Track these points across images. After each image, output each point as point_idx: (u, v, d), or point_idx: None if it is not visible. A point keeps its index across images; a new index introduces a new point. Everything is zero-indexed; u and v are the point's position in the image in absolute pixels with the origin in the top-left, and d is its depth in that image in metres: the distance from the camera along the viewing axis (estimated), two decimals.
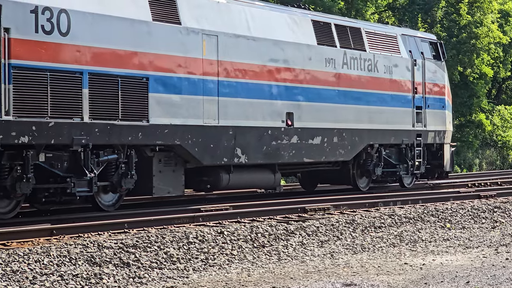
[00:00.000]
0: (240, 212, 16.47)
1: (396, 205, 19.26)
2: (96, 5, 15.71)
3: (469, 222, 18.17)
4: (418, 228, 16.90)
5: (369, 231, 16.12)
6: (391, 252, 14.33)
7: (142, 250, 12.57)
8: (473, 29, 41.87)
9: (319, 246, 14.50)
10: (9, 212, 14.76)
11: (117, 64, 15.92)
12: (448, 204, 19.91)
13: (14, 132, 14.17)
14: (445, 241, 15.71)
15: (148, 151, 16.91)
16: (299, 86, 20.07)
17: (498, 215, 19.13)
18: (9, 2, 14.22)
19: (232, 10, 18.80)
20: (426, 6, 41.16)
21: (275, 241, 14.33)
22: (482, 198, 21.34)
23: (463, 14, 42.08)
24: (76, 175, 15.31)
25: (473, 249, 14.54)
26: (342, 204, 18.43)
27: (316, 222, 15.80)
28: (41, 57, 14.63)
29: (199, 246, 13.25)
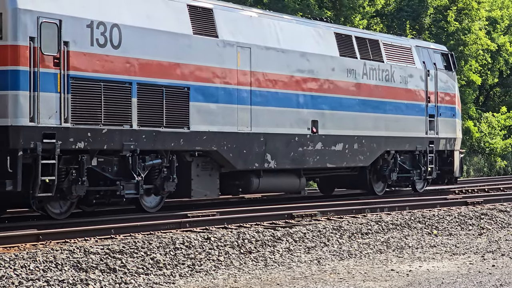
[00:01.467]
0: (227, 218, 16.39)
1: (383, 212, 19.23)
2: (144, 19, 16.81)
3: (456, 229, 18.10)
4: (405, 234, 16.82)
5: (356, 237, 16.04)
6: (377, 258, 14.23)
7: (128, 256, 12.50)
8: (461, 36, 42.14)
9: (306, 252, 14.41)
10: (64, 213, 15.80)
11: (162, 75, 17.01)
12: (435, 210, 19.85)
13: (72, 138, 15.26)
14: (432, 247, 15.62)
15: (188, 156, 17.99)
16: (323, 96, 21.19)
17: (485, 222, 19.09)
18: (68, 17, 15.30)
19: (263, 24, 19.91)
20: (414, 13, 41.00)
21: (262, 247, 14.26)
22: (469, 205, 21.32)
23: (451, 21, 42.05)
24: (124, 179, 16.39)
25: (459, 256, 14.46)
26: (329, 210, 18.38)
27: (303, 228, 15.69)
28: (96, 69, 15.71)
29: (185, 252, 13.20)
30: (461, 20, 42.54)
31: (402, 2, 41.05)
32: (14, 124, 14.43)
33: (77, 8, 15.54)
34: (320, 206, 19.02)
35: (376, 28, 39.93)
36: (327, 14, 34.22)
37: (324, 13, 33.98)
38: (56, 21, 15.09)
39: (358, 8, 36.82)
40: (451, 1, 42.43)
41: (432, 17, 41.98)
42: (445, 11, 42.35)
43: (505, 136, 46.20)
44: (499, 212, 20.25)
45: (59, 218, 15.60)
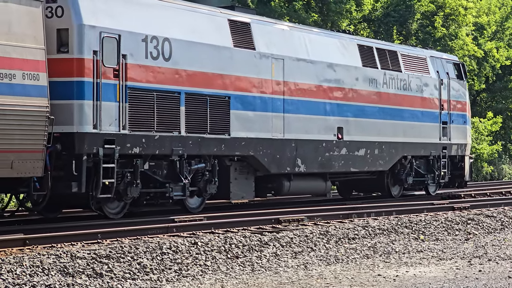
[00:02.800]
0: (214, 223, 16.37)
1: (370, 217, 19.28)
2: (190, 33, 18.10)
3: (442, 234, 18.10)
4: (392, 239, 16.79)
5: (343, 242, 16.03)
6: (364, 263, 14.23)
7: (115, 261, 12.48)
8: (448, 42, 42.19)
9: (293, 257, 14.42)
10: (118, 213, 17.07)
11: (206, 85, 18.31)
12: (422, 215, 19.82)
13: (128, 144, 16.53)
14: (419, 252, 15.61)
15: (227, 160, 19.27)
16: (347, 104, 22.51)
17: (471, 227, 19.13)
18: (126, 32, 16.58)
19: (294, 36, 21.23)
20: (401, 18, 40.65)
21: (249, 252, 14.25)
22: (456, 210, 21.39)
23: (438, 26, 41.88)
24: (173, 181, 17.67)
25: (446, 261, 14.44)
26: (316, 215, 18.37)
27: (290, 233, 15.69)
28: (149, 79, 17.00)
29: (172, 256, 13.19)
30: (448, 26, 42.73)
31: (389, 8, 41.12)
32: (79, 131, 15.69)
33: (133, 24, 16.81)
34: (307, 211, 18.91)
35: (364, 33, 40.03)
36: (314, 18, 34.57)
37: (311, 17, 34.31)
38: (115, 35, 16.37)
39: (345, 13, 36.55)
40: (438, 7, 42.51)
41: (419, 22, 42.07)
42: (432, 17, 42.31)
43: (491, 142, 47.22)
44: (486, 217, 20.34)
45: (115, 218, 16.86)
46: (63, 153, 15.48)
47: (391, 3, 41.11)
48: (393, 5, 41.06)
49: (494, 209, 21.89)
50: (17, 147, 14.45)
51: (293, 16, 33.37)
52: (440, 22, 41.87)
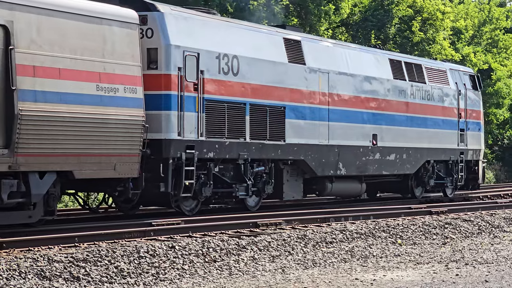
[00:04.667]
0: (192, 226, 16.37)
1: (348, 221, 19.34)
2: (253, 51, 20.32)
3: (420, 238, 18.19)
4: (369, 243, 16.81)
5: (321, 246, 16.03)
6: (342, 267, 14.25)
7: (92, 264, 12.50)
8: (426, 46, 42.44)
9: (271, 261, 14.44)
10: (193, 210, 19.24)
11: (266, 97, 20.53)
12: (400, 220, 19.92)
13: (205, 149, 18.74)
14: (396, 256, 15.64)
15: (281, 164, 21.49)
16: (381, 113, 24.79)
17: (449, 231, 19.23)
18: (203, 50, 18.79)
19: (336, 52, 23.49)
20: (379, 23, 40.87)
21: (227, 256, 14.24)
22: (433, 214, 21.47)
23: (415, 31, 42.12)
24: (238, 182, 19.87)
25: (423, 265, 14.45)
26: (294, 219, 18.49)
27: (268, 237, 15.69)
28: (221, 92, 19.21)
29: (150, 260, 13.21)
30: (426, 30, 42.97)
31: (367, 12, 41.39)
32: (167, 137, 17.88)
33: (209, 43, 19.02)
34: (284, 215, 19.09)
35: (342, 37, 39.91)
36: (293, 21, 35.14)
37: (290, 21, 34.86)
38: (195, 54, 18.57)
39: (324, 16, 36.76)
40: (416, 11, 42.81)
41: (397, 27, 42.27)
42: (410, 21, 42.55)
43: None
44: (463, 221, 20.46)
45: (190, 214, 19.02)
46: (151, 157, 17.59)
47: (369, 8, 41.56)
48: (371, 10, 41.38)
49: (471, 213, 22.02)
50: (118, 151, 16.59)
51: (272, 20, 33.53)
52: (418, 27, 42.38)
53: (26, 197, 15.05)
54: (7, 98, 14.55)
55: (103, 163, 16.27)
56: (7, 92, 14.55)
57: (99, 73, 16.17)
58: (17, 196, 14.92)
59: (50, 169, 15.37)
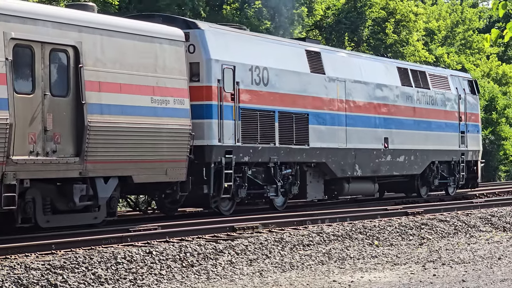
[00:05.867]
0: (169, 231, 16.24)
1: (324, 223, 19.26)
2: (280, 62, 22.06)
3: (396, 239, 18.14)
4: (346, 245, 16.80)
5: (298, 249, 16.02)
6: (319, 269, 14.21)
7: (69, 271, 12.44)
8: (399, 48, 43.21)
9: (248, 265, 14.39)
10: (229, 210, 20.93)
11: (292, 104, 22.27)
12: (376, 221, 19.86)
13: (241, 154, 20.45)
14: (373, 258, 15.60)
15: (305, 167, 23.23)
16: (391, 117, 26.60)
17: (425, 232, 19.21)
18: (239, 64, 20.52)
19: (351, 61, 25.28)
20: (352, 25, 41.28)
21: (204, 261, 14.19)
22: (410, 215, 21.42)
23: (389, 33, 42.77)
24: (269, 184, 21.60)
25: (401, 266, 14.43)
26: (271, 222, 18.40)
27: (245, 241, 15.62)
28: (254, 101, 20.93)
29: (127, 266, 13.14)
30: (399, 32, 43.66)
31: (341, 15, 41.76)
32: (209, 144, 19.58)
33: (243, 56, 20.75)
34: (261, 219, 19.00)
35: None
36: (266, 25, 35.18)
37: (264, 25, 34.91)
38: (231, 67, 20.29)
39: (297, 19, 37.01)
40: (389, 13, 43.47)
41: (370, 29, 42.79)
42: (383, 23, 43.19)
43: None
44: (439, 222, 20.44)
45: (227, 214, 20.71)
46: (195, 161, 19.26)
47: (342, 10, 41.98)
48: (345, 12, 41.85)
49: (447, 214, 21.99)
50: (169, 157, 18.28)
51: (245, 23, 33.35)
52: (391, 29, 43.10)
53: (93, 200, 16.70)
54: (77, 112, 16.22)
55: (157, 168, 17.96)
56: (77, 106, 16.22)
57: (153, 87, 17.86)
58: (86, 199, 16.57)
59: (113, 174, 17.04)
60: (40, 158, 15.49)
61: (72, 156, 16.15)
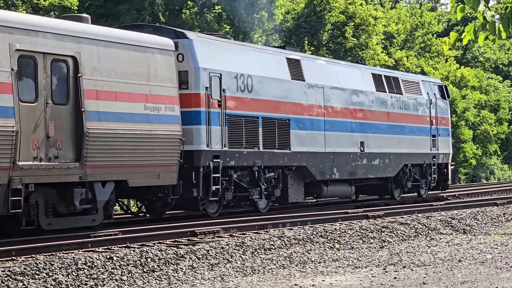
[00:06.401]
0: (130, 237, 16.15)
1: (285, 227, 19.25)
2: (263, 70, 22.97)
3: (357, 242, 18.16)
4: (308, 249, 16.80)
5: (259, 253, 16.02)
6: (281, 273, 14.24)
7: (30, 278, 12.40)
8: (359, 52, 43.27)
9: (209, 270, 14.39)
10: (216, 213, 21.79)
11: (274, 110, 23.18)
12: (337, 224, 19.88)
13: (227, 158, 21.32)
14: (335, 261, 15.61)
15: (286, 170, 24.14)
16: (367, 122, 27.61)
17: (386, 235, 19.17)
18: (225, 71, 21.40)
19: (328, 69, 26.26)
20: (312, 29, 41.39)
21: (165, 266, 14.15)
22: (370, 218, 21.40)
23: (348, 37, 42.86)
24: (253, 187, 22.48)
25: (362, 269, 14.44)
26: (232, 227, 18.39)
27: (206, 246, 15.59)
28: (239, 108, 21.81)
29: (88, 272, 13.13)
30: (359, 36, 43.77)
31: (300, 19, 41.96)
32: (198, 149, 20.42)
33: (228, 64, 21.62)
34: (222, 223, 19.00)
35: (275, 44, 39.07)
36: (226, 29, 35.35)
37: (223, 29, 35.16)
38: (218, 74, 21.16)
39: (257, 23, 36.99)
40: (348, 17, 43.58)
41: (330, 33, 42.99)
42: (342, 27, 43.29)
43: None
44: (400, 224, 20.46)
45: (214, 217, 21.56)
46: (184, 166, 20.09)
47: (302, 14, 42.15)
48: (304, 16, 42.06)
49: (407, 217, 22.11)
50: (161, 162, 19.10)
51: (205, 28, 33.70)
52: (350, 33, 43.28)
53: (92, 204, 17.49)
54: (77, 119, 17.00)
55: (150, 173, 18.78)
56: (77, 114, 17.01)
57: (146, 94, 18.68)
58: (85, 202, 17.35)
59: (110, 178, 17.84)
60: (44, 164, 16.26)
61: (72, 161, 16.93)
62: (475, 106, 56.78)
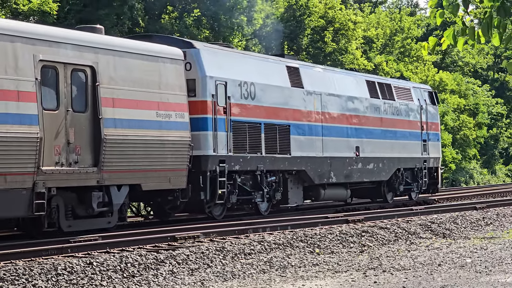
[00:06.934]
0: (109, 242, 16.05)
1: (266, 231, 19.14)
2: (264, 78, 23.88)
3: (337, 247, 18.11)
4: (288, 253, 16.79)
5: (239, 258, 15.96)
6: (261, 278, 14.21)
7: (9, 283, 12.33)
8: (338, 56, 43.47)
9: (190, 275, 14.33)
10: (220, 215, 22.66)
11: (276, 117, 24.10)
12: (317, 229, 19.76)
13: (232, 163, 22.20)
14: (315, 266, 15.61)
15: (287, 174, 25.06)
16: (362, 128, 28.58)
17: (366, 239, 19.17)
18: (230, 79, 22.28)
19: (325, 76, 27.21)
20: (291, 34, 41.48)
21: (145, 271, 14.10)
22: (350, 223, 21.38)
23: (328, 41, 42.94)
24: (256, 190, 23.38)
25: (342, 273, 14.43)
26: (212, 231, 18.26)
27: (186, 250, 15.52)
28: (243, 114, 22.70)
29: (68, 277, 13.08)
30: (338, 41, 43.90)
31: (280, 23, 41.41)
32: (205, 154, 21.29)
33: (233, 73, 22.52)
34: (202, 228, 18.91)
35: (255, 49, 39.53)
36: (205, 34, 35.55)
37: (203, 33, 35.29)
38: (224, 82, 22.04)
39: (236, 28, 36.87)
40: (328, 22, 43.75)
41: (310, 37, 43.01)
42: (322, 32, 43.40)
43: None
44: (380, 229, 20.41)
45: (219, 219, 22.43)
46: (192, 170, 20.96)
47: (281, 19, 42.22)
48: (284, 21, 42.14)
49: (387, 221, 22.04)
50: (172, 167, 19.96)
51: (184, 32, 33.85)
52: (330, 37, 43.36)
53: (108, 206, 18.33)
54: (95, 126, 17.85)
55: (162, 177, 19.64)
56: (95, 121, 17.85)
57: (158, 102, 19.54)
58: (101, 205, 18.19)
59: (125, 182, 18.69)
60: (65, 168, 17.10)
61: (90, 166, 17.77)
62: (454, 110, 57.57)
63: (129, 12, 32.25)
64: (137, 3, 32.61)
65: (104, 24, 30.26)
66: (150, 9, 35.02)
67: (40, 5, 28.25)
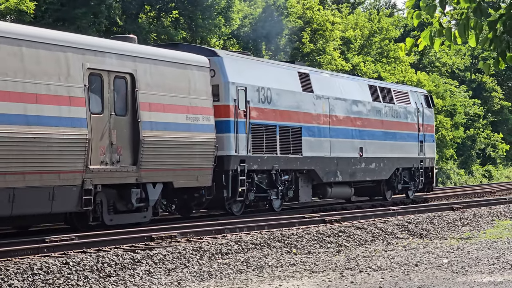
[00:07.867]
0: (86, 242, 15.92)
1: (243, 231, 19.00)
2: (279, 83, 25.55)
3: (314, 247, 18.11)
4: (265, 253, 16.77)
5: (216, 258, 15.91)
6: (238, 278, 14.20)
7: None
8: (316, 57, 43.78)
9: (166, 274, 14.31)
10: (239, 211, 24.29)
11: (289, 119, 25.77)
12: (294, 229, 19.70)
13: (251, 162, 23.86)
14: (291, 266, 15.65)
15: (298, 173, 26.74)
16: (365, 129, 30.31)
17: (343, 239, 19.17)
18: (249, 85, 23.94)
19: (332, 81, 28.92)
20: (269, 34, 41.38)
21: (122, 271, 14.06)
22: (327, 223, 21.24)
23: (305, 42, 43.29)
24: (271, 188, 25.04)
25: (319, 274, 14.41)
26: (189, 231, 18.12)
27: (163, 250, 15.46)
28: (261, 117, 24.36)
29: (44, 277, 13.03)
30: (316, 41, 44.18)
31: (258, 24, 41.75)
32: (228, 154, 22.93)
33: (252, 79, 24.17)
34: (180, 228, 18.79)
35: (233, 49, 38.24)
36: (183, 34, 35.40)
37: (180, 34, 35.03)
38: (244, 88, 23.69)
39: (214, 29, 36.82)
40: (305, 22, 44.17)
41: (287, 38, 43.01)
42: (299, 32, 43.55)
43: None
44: (356, 229, 20.38)
45: (238, 215, 24.06)
46: (215, 169, 22.58)
47: (259, 19, 42.18)
48: (262, 21, 41.92)
49: (364, 221, 21.99)
50: (199, 166, 21.58)
51: (162, 32, 33.98)
52: (307, 38, 43.70)
53: (145, 202, 19.93)
54: (134, 128, 19.45)
55: (190, 175, 21.26)
56: (134, 123, 19.46)
57: (187, 106, 21.16)
58: (139, 201, 19.79)
59: (159, 180, 20.30)
60: (109, 167, 18.70)
61: (130, 165, 19.37)
62: None
63: (107, 11, 32.25)
64: (114, 2, 32.62)
65: (81, 23, 31.00)
66: (127, 9, 35.16)
67: (17, 4, 28.30)
